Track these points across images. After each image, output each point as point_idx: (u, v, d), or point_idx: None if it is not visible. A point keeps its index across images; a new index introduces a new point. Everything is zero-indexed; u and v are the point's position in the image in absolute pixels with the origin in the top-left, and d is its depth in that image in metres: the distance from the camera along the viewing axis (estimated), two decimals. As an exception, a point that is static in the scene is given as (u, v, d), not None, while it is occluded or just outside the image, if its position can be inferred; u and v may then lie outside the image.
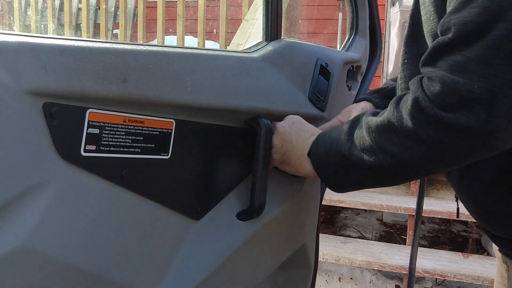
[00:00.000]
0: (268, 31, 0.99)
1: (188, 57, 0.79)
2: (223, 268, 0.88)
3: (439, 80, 0.67)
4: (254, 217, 0.91)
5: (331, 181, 0.84)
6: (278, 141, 0.90)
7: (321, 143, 0.84)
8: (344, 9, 4.80)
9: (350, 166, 0.79)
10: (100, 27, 3.77)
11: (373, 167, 0.76)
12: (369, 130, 0.76)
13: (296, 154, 0.88)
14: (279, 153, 0.90)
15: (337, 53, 1.17)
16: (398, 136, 0.72)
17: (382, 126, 0.74)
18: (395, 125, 0.72)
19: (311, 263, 1.15)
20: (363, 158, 0.76)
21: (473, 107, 0.64)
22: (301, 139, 0.88)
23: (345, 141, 0.79)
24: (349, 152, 0.78)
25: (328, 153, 0.82)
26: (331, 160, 0.82)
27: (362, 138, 0.77)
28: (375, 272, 2.91)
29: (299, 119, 0.93)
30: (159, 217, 0.79)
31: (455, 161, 0.72)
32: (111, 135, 0.70)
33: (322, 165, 0.84)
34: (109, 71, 0.67)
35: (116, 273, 0.73)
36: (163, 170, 0.78)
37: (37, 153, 0.62)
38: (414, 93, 0.70)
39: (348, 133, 0.80)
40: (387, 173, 0.77)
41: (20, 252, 0.61)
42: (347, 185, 0.84)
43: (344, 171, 0.81)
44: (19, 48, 0.59)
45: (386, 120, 0.74)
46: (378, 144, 0.74)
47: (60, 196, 0.65)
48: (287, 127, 0.91)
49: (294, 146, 0.88)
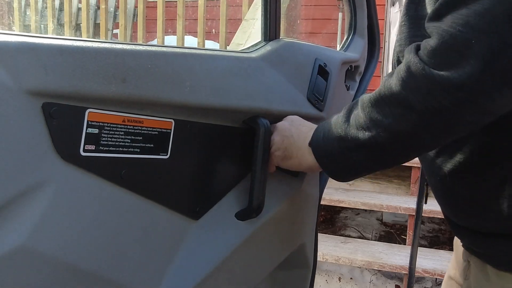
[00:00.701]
0: (267, 31, 0.99)
1: (187, 57, 0.79)
2: (222, 267, 0.88)
3: (437, 36, 0.65)
4: (252, 216, 0.91)
5: (332, 168, 0.83)
6: (279, 137, 0.90)
7: (320, 131, 0.83)
8: (344, 8, 4.80)
9: (349, 147, 0.77)
10: (100, 27, 3.77)
11: (369, 144, 0.74)
12: (363, 106, 0.75)
13: (297, 147, 0.87)
14: (280, 148, 0.90)
15: (335, 53, 1.17)
16: (389, 106, 0.70)
17: (374, 99, 0.73)
18: (386, 95, 0.70)
19: (310, 263, 1.16)
20: (359, 136, 0.74)
21: (467, 63, 0.62)
22: (302, 133, 0.88)
23: (342, 123, 0.78)
24: (346, 133, 0.77)
25: (327, 138, 0.81)
26: (329, 145, 0.80)
27: (357, 116, 0.76)
28: (375, 272, 2.91)
29: (299, 118, 0.93)
30: (158, 217, 0.79)
31: (447, 129, 0.69)
32: (111, 135, 0.70)
33: (322, 152, 0.82)
34: (109, 71, 0.67)
35: (115, 272, 0.73)
36: (162, 170, 0.78)
37: (36, 153, 0.62)
38: (406, 59, 0.69)
39: (346, 115, 0.78)
40: (383, 149, 0.74)
41: (20, 252, 0.61)
42: (348, 170, 0.81)
43: (344, 155, 0.78)
44: (19, 48, 0.60)
45: (378, 92, 0.72)
46: (371, 119, 0.73)
47: (60, 196, 0.65)
48: (287, 125, 0.91)
49: (294, 139, 0.88)
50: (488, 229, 0.79)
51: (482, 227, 0.80)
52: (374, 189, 3.29)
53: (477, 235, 0.82)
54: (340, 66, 1.15)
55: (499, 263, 0.79)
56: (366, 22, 1.31)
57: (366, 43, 1.32)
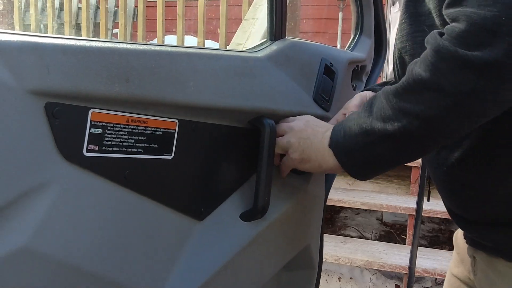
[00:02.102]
0: (273, 30, 0.98)
1: (192, 56, 0.79)
2: (227, 268, 0.88)
3: (465, 19, 0.64)
4: (257, 217, 0.91)
5: (355, 166, 0.80)
6: (295, 139, 0.87)
7: (340, 130, 0.81)
8: (344, 9, 4.80)
9: (374, 141, 0.75)
10: (100, 26, 3.77)
11: (398, 135, 0.72)
12: (388, 98, 0.73)
13: (315, 148, 0.85)
14: (297, 151, 0.87)
15: (342, 53, 1.16)
16: (420, 93, 0.69)
17: (401, 88, 0.71)
18: (415, 83, 0.69)
19: (315, 264, 1.15)
20: (387, 128, 0.72)
21: (501, 41, 0.61)
22: (318, 133, 0.85)
23: (365, 117, 0.76)
24: (371, 126, 0.75)
25: (349, 136, 0.79)
26: (352, 142, 0.78)
27: (382, 108, 0.74)
28: (375, 271, 2.91)
29: (313, 118, 0.91)
30: (162, 218, 0.78)
31: (481, 111, 0.68)
32: (114, 135, 0.69)
33: (343, 150, 0.80)
34: (112, 71, 0.66)
35: (119, 273, 0.73)
36: (166, 170, 0.78)
37: (39, 153, 0.61)
38: (433, 44, 0.67)
39: (368, 110, 0.77)
40: (413, 138, 0.73)
41: (23, 253, 0.61)
42: (371, 166, 0.79)
43: (368, 149, 0.76)
44: (22, 48, 0.59)
45: (405, 81, 0.71)
46: (400, 108, 0.71)
47: (63, 196, 0.64)
48: (302, 125, 0.88)
49: (312, 141, 0.85)
50: (497, 218, 0.79)
51: (491, 217, 0.80)
52: (374, 189, 3.29)
53: (486, 227, 0.81)
54: (347, 66, 1.14)
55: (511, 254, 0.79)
56: (373, 21, 1.30)
57: (373, 43, 1.31)
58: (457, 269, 0.99)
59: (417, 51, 0.79)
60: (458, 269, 0.99)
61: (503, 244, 0.80)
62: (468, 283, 0.95)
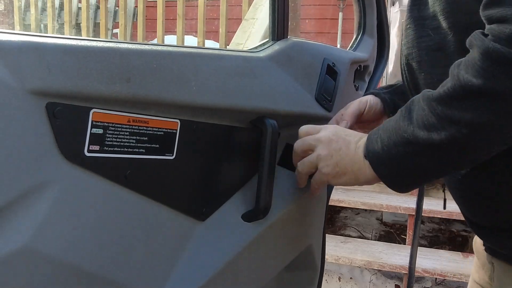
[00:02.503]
0: (275, 30, 0.97)
1: (193, 56, 0.78)
2: (228, 269, 0.87)
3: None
4: (259, 218, 0.90)
5: (395, 178, 0.76)
6: (326, 152, 0.82)
7: (376, 139, 0.76)
8: (344, 8, 4.80)
9: (417, 151, 0.71)
10: (100, 26, 3.77)
11: (446, 145, 0.68)
12: (431, 105, 0.69)
13: (350, 160, 0.79)
14: (330, 165, 0.81)
15: (344, 53, 1.16)
16: (470, 100, 0.65)
17: (447, 95, 0.67)
18: (464, 90, 0.65)
19: (318, 265, 1.14)
20: (432, 137, 0.68)
21: None
22: (351, 144, 0.80)
23: (405, 126, 0.71)
24: (414, 136, 0.70)
25: (387, 146, 0.74)
26: (392, 152, 0.73)
27: (425, 116, 0.69)
28: (374, 271, 2.91)
29: (340, 127, 0.86)
30: (163, 218, 0.78)
31: None
32: (115, 135, 0.69)
33: (382, 161, 0.75)
34: (113, 71, 0.66)
35: (120, 274, 0.73)
36: (168, 170, 0.77)
37: (40, 153, 0.61)
38: (480, 47, 0.64)
39: (407, 117, 0.72)
40: (463, 147, 0.69)
41: (23, 253, 0.60)
42: (414, 178, 0.75)
43: (411, 160, 0.72)
44: (22, 48, 0.59)
45: (451, 87, 0.67)
46: (447, 116, 0.67)
47: (63, 196, 0.64)
48: (331, 135, 0.82)
49: (345, 152, 0.80)
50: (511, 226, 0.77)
51: (506, 225, 0.78)
52: (374, 189, 3.29)
53: (502, 235, 0.79)
54: (349, 66, 1.13)
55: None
56: (376, 21, 1.29)
57: (376, 43, 1.30)
58: (477, 274, 0.98)
59: (423, 58, 0.78)
60: (478, 275, 0.97)
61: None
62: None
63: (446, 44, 0.76)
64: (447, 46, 0.75)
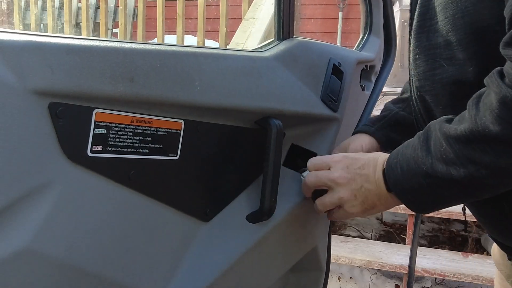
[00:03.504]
0: (280, 30, 0.96)
1: (197, 56, 0.78)
2: (232, 270, 0.87)
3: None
4: (264, 219, 0.89)
5: (422, 205, 0.76)
6: (348, 193, 0.81)
7: (395, 168, 0.75)
8: (344, 8, 4.80)
9: (436, 184, 0.71)
10: (100, 26, 3.77)
11: (464, 181, 0.68)
12: (448, 142, 0.68)
13: (376, 195, 0.80)
14: (356, 205, 0.82)
15: (350, 53, 1.15)
16: (489, 144, 0.65)
17: (465, 135, 0.66)
18: (482, 133, 0.65)
19: (323, 266, 1.13)
20: (451, 173, 0.68)
21: None
22: (369, 177, 0.80)
23: (424, 157, 0.71)
24: (432, 169, 0.70)
25: (408, 176, 0.74)
26: (414, 182, 0.73)
27: (444, 151, 0.69)
28: (374, 271, 2.91)
29: (344, 156, 0.85)
30: (167, 219, 0.78)
31: None
32: (118, 135, 0.69)
33: (408, 192, 0.75)
34: (116, 71, 0.66)
35: (123, 275, 0.72)
36: (172, 171, 0.77)
37: (42, 154, 0.61)
38: (497, 93, 0.63)
39: (424, 147, 0.72)
40: (482, 184, 0.69)
41: (25, 254, 0.60)
42: (435, 204, 0.76)
43: (430, 191, 0.73)
44: (25, 47, 0.59)
45: (469, 129, 0.66)
46: (465, 156, 0.67)
47: (66, 197, 0.64)
48: (346, 174, 0.82)
49: (367, 189, 0.80)
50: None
51: None
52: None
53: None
54: (355, 66, 1.12)
55: None
56: (382, 21, 1.28)
57: (382, 43, 1.29)
58: (505, 284, 0.96)
59: (439, 91, 0.76)
60: (505, 284, 0.96)
61: None
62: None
63: (465, 75, 0.72)
64: (466, 78, 0.72)
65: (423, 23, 0.77)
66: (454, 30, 0.71)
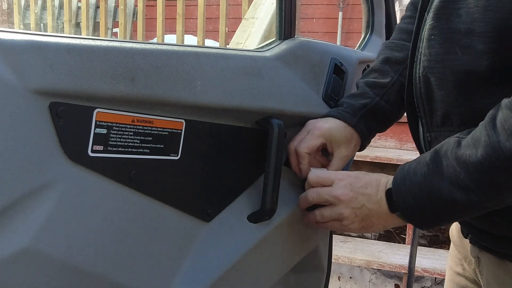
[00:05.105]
0: (282, 29, 0.96)
1: (199, 55, 0.78)
2: (234, 270, 0.87)
3: None
4: (265, 219, 0.89)
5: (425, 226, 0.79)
6: (348, 210, 0.82)
7: (406, 196, 0.75)
8: (344, 8, 4.81)
9: (453, 209, 0.72)
10: (100, 25, 3.77)
11: (487, 204, 0.70)
12: (466, 168, 0.68)
13: (376, 214, 0.81)
14: (355, 222, 0.82)
15: (352, 52, 1.15)
16: (507, 171, 0.65)
17: (488, 162, 0.65)
18: (507, 159, 0.64)
19: (324, 266, 1.13)
20: (471, 199, 0.69)
21: None
22: (372, 197, 0.80)
23: (438, 184, 0.71)
24: (452, 198, 0.70)
25: (421, 201, 0.73)
26: (426, 210, 0.74)
27: (463, 180, 0.68)
28: (374, 271, 2.91)
29: (347, 175, 0.85)
30: (168, 219, 0.78)
31: None
32: (119, 135, 0.69)
33: (415, 213, 0.76)
34: (117, 70, 0.66)
35: (123, 275, 0.72)
36: (173, 171, 0.77)
37: (43, 154, 0.61)
38: None
39: (438, 174, 0.71)
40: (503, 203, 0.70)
41: (26, 254, 0.60)
42: (441, 223, 0.78)
43: (444, 216, 0.74)
44: (25, 47, 0.58)
45: (489, 155, 0.65)
46: (486, 183, 0.67)
47: (67, 197, 0.64)
48: (349, 192, 0.82)
49: (369, 208, 0.81)
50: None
51: (506, 228, 0.77)
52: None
53: (497, 237, 0.79)
54: (357, 66, 1.12)
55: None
56: (384, 20, 1.28)
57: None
58: (460, 267, 0.97)
59: (447, 77, 0.74)
60: (461, 268, 0.96)
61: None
62: (475, 282, 0.92)
63: (478, 67, 0.70)
64: (479, 70, 0.70)
65: (446, 5, 0.74)
66: (482, 21, 0.68)
